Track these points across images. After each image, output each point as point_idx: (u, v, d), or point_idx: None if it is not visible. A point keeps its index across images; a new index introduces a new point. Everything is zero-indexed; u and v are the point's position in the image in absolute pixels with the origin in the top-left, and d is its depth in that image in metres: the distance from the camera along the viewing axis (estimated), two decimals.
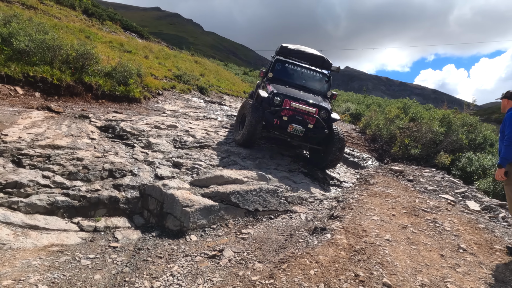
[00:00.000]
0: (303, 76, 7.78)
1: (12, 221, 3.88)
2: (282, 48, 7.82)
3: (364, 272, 2.81)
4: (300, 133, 6.40)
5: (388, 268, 2.92)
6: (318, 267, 2.85)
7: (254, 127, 6.38)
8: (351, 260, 3.01)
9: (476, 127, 9.68)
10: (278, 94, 6.48)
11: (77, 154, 5.30)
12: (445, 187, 6.51)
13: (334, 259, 3.01)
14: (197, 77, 20.06)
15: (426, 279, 2.79)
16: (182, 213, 4.47)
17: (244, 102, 6.90)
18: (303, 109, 6.37)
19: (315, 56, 7.96)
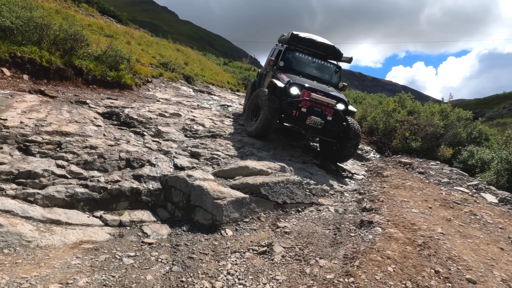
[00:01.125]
0: (314, 65, 7.52)
1: (32, 216, 3.45)
2: (293, 36, 7.47)
3: (441, 268, 2.69)
4: (319, 125, 6.13)
5: (461, 263, 2.82)
6: (393, 263, 2.70)
7: (270, 119, 6.07)
8: (422, 255, 2.88)
9: (472, 121, 9.95)
10: (295, 84, 6.19)
11: (89, 142, 4.86)
12: (456, 180, 6.59)
13: (404, 254, 2.87)
14: (182, 65, 19.44)
15: (503, 274, 2.71)
16: (213, 206, 4.19)
17: (258, 92, 6.52)
18: (323, 100, 6.11)
19: (326, 46, 7.67)
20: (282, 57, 7.31)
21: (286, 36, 7.82)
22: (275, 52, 8.40)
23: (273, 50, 8.72)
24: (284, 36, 8.28)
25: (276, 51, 8.06)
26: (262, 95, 6.24)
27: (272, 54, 8.58)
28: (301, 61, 7.46)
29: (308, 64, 7.49)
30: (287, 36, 7.66)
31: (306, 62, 7.49)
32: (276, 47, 8.54)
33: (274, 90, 6.48)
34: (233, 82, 24.60)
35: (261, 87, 8.45)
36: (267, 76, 7.91)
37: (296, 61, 7.40)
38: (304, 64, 7.46)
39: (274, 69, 7.26)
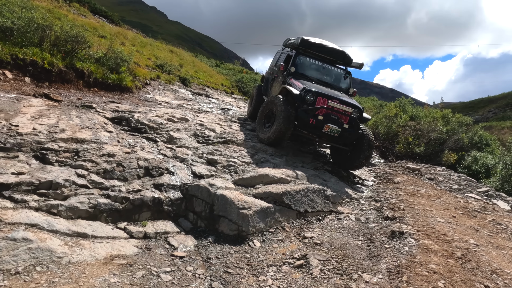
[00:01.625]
0: (325, 71, 7.47)
1: (58, 229, 3.31)
2: (303, 41, 7.39)
3: (489, 282, 2.68)
4: (336, 133, 6.00)
5: (505, 276, 2.82)
6: (441, 278, 2.68)
7: (286, 127, 5.97)
8: (465, 269, 2.87)
9: (472, 126, 10.12)
10: (311, 91, 6.10)
11: (105, 149, 4.71)
12: (465, 186, 6.66)
13: (448, 268, 2.85)
14: (177, 67, 19.25)
15: None
16: (239, 216, 4.11)
17: (273, 98, 6.38)
18: (340, 108, 6.07)
19: (336, 51, 7.62)
20: (293, 62, 7.21)
21: (294, 40, 7.71)
22: (281, 56, 8.33)
23: (279, 54, 8.65)
24: (291, 41, 8.19)
25: (284, 56, 7.98)
26: (277, 102, 6.12)
27: (278, 58, 8.51)
28: (312, 66, 7.39)
29: (319, 70, 7.43)
30: (296, 41, 7.55)
31: (317, 67, 7.43)
32: (283, 51, 8.46)
33: (287, 97, 6.43)
34: (227, 84, 24.49)
35: (268, 92, 8.38)
36: (276, 81, 7.83)
37: (307, 66, 7.33)
38: (315, 70, 7.40)
39: (285, 75, 7.15)
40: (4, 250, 2.76)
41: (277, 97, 6.22)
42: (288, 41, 8.46)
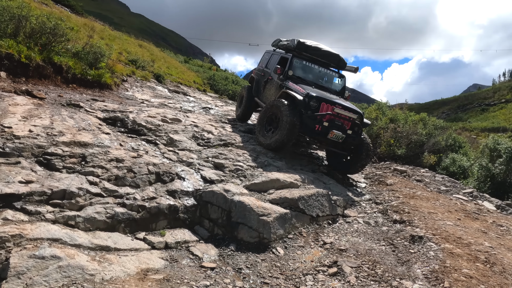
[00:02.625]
0: (321, 75, 7.51)
1: (80, 243, 3.07)
2: (299, 44, 7.34)
3: None
4: (340, 139, 5.99)
5: None
6: (480, 283, 2.82)
7: (291, 133, 5.89)
8: (495, 273, 3.04)
9: (446, 129, 10.75)
10: (315, 97, 6.01)
11: (112, 154, 4.44)
12: (451, 188, 7.07)
13: (481, 272, 3.01)
14: (150, 63, 18.66)
15: None
16: (259, 223, 4.05)
17: (277, 103, 6.22)
18: (346, 114, 6.03)
19: (331, 54, 7.60)
20: (290, 65, 7.12)
21: (289, 42, 7.63)
22: (273, 57, 8.19)
23: (269, 55, 8.51)
24: (283, 42, 8.12)
25: (277, 58, 7.85)
26: (282, 107, 5.99)
27: (269, 60, 8.35)
28: (309, 70, 7.38)
29: (316, 73, 7.44)
30: (291, 43, 7.48)
31: (313, 71, 7.43)
32: (274, 52, 8.33)
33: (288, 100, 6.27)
34: (199, 82, 24.07)
35: (260, 94, 8.21)
36: (270, 84, 7.69)
37: (304, 70, 7.31)
38: (312, 73, 7.39)
39: (281, 78, 7.05)
40: (33, 270, 2.51)
41: (281, 102, 6.10)
42: (279, 42, 8.34)
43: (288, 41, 7.84)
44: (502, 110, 51.98)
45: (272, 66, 7.78)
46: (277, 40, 8.48)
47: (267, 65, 8.22)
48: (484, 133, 42.29)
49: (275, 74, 7.32)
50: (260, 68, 8.65)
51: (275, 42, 8.48)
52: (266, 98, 7.57)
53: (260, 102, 7.98)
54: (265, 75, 8.12)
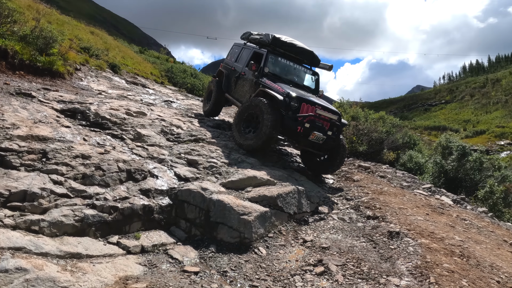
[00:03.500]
0: (296, 72, 7.37)
1: (47, 251, 2.72)
2: (275, 40, 7.08)
3: (497, 277, 3.03)
4: (321, 141, 5.79)
5: (502, 270, 3.22)
6: (461, 277, 2.93)
7: (273, 134, 5.67)
8: (472, 266, 3.19)
9: (402, 127, 11.33)
10: (295, 97, 5.77)
11: (76, 150, 4.02)
12: (412, 183, 7.43)
13: (459, 266, 3.13)
14: (104, 52, 17.55)
15: None
16: (240, 222, 3.91)
17: (257, 102, 5.89)
18: (327, 116, 5.87)
19: (306, 51, 7.35)
20: (266, 62, 6.84)
21: (263, 37, 7.34)
22: (244, 51, 7.86)
23: (239, 48, 8.12)
24: (254, 36, 7.80)
25: (250, 53, 7.55)
26: (263, 107, 5.72)
27: (240, 54, 7.98)
28: (284, 67, 7.18)
29: (291, 71, 7.26)
30: (265, 38, 7.20)
31: (289, 68, 7.24)
32: (246, 46, 7.97)
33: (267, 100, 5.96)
34: (156, 74, 23.17)
35: (230, 90, 7.81)
36: (243, 80, 7.31)
37: (279, 67, 7.09)
38: (287, 70, 7.20)
39: (256, 75, 6.70)
40: None
41: (262, 101, 5.78)
42: (249, 35, 8.03)
43: (261, 36, 7.53)
44: (442, 110, 56.49)
45: (244, 61, 7.50)
46: (248, 33, 8.17)
47: (237, 59, 7.88)
48: (427, 131, 45.69)
49: (250, 71, 6.93)
50: (229, 61, 8.30)
51: (245, 35, 8.18)
52: (239, 95, 7.27)
53: (231, 99, 7.63)
54: (236, 70, 7.73)
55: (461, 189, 8.19)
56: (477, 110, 49.35)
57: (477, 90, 56.60)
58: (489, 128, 40.46)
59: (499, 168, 8.58)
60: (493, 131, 39.27)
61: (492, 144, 36.24)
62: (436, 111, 57.41)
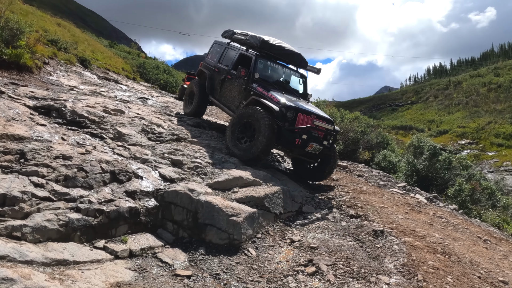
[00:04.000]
0: (285, 76, 7.17)
1: (32, 258, 2.56)
2: (264, 43, 6.67)
3: (477, 272, 3.19)
4: (318, 151, 5.74)
5: (481, 266, 3.40)
6: (446, 274, 3.07)
7: (270, 145, 5.54)
8: (454, 262, 3.35)
9: (376, 128, 11.70)
10: (291, 108, 5.62)
11: (56, 150, 3.82)
12: (388, 182, 7.69)
13: (444, 263, 3.28)
14: (73, 45, 16.82)
15: (508, 271, 3.40)
16: (229, 223, 3.87)
17: (253, 112, 5.64)
18: (324, 127, 5.78)
19: (294, 54, 7.11)
20: (255, 67, 6.50)
21: (250, 39, 6.94)
22: (228, 52, 7.41)
23: (222, 48, 7.67)
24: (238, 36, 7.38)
25: (235, 54, 7.10)
26: (259, 117, 5.50)
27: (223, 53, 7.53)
28: (274, 71, 6.98)
29: (280, 75, 7.07)
30: (254, 41, 6.82)
31: (278, 72, 7.05)
32: (230, 46, 7.48)
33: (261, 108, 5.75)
34: (127, 69, 22.53)
35: (214, 92, 7.38)
36: (231, 83, 6.89)
37: (269, 71, 6.88)
38: (277, 75, 7.00)
39: (246, 80, 6.42)
40: None
41: (259, 112, 5.56)
42: (233, 34, 7.63)
43: (247, 37, 7.10)
44: (409, 110, 58.85)
45: (229, 62, 7.13)
46: (230, 32, 7.78)
47: (220, 59, 7.50)
48: (394, 131, 47.48)
49: (238, 75, 6.49)
50: (210, 61, 7.90)
51: (228, 34, 7.79)
52: (227, 100, 6.96)
53: (217, 103, 7.28)
54: (220, 72, 7.31)
55: (432, 187, 8.59)
56: (441, 111, 51.83)
57: (440, 92, 59.39)
58: (451, 128, 42.63)
59: (466, 167, 9.07)
60: (455, 131, 41.42)
61: (454, 143, 38.24)
62: (403, 111, 59.69)
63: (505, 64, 59.64)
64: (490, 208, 7.58)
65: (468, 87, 55.09)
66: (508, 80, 50.73)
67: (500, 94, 48.15)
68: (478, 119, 42.85)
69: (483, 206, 7.79)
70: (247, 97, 6.27)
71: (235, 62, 6.99)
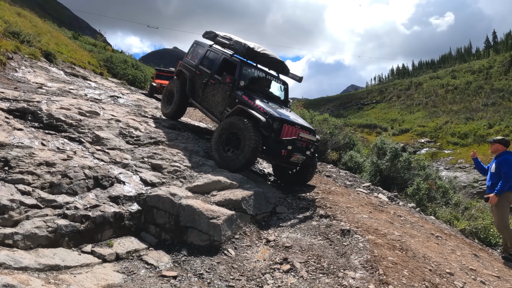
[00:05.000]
0: (268, 83, 7.30)
1: (26, 265, 2.70)
2: (249, 51, 6.75)
3: (429, 266, 3.67)
4: (301, 161, 6.00)
5: (432, 260, 3.89)
6: (403, 268, 3.51)
7: (255, 156, 5.70)
8: (410, 257, 3.81)
9: (343, 129, 12.31)
10: (277, 119, 5.76)
11: (39, 157, 3.88)
12: (354, 182, 8.23)
13: (401, 259, 3.73)
14: (36, 37, 16.19)
15: (455, 264, 3.92)
16: (209, 226, 4.13)
17: (238, 122, 5.75)
18: (307, 138, 5.99)
19: (277, 61, 7.26)
20: (240, 75, 6.58)
21: (234, 45, 6.94)
22: (209, 54, 7.42)
23: (204, 50, 7.63)
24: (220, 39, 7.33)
25: (218, 58, 7.16)
26: (244, 128, 5.62)
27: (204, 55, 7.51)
28: (258, 79, 7.09)
29: (263, 82, 7.19)
30: (238, 47, 6.85)
31: (261, 79, 7.16)
32: (212, 49, 7.47)
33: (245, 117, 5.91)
34: (94, 63, 21.87)
35: (195, 95, 7.38)
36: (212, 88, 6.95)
37: (252, 78, 6.99)
38: (260, 82, 7.11)
39: (231, 87, 6.48)
40: None
41: (244, 123, 5.67)
42: (215, 36, 7.57)
43: (231, 42, 7.09)
44: (374, 109, 61.31)
45: (211, 66, 7.15)
46: (212, 34, 7.73)
47: (201, 61, 7.48)
48: (360, 129, 49.36)
49: (224, 82, 6.57)
50: (190, 62, 7.83)
51: (210, 36, 7.72)
52: (209, 104, 7.01)
53: (199, 107, 7.33)
54: (202, 75, 7.29)
55: (394, 186, 9.26)
56: (403, 110, 54.45)
57: (403, 92, 62.34)
58: (412, 127, 44.98)
59: (424, 168, 9.84)
60: (415, 130, 43.75)
61: (415, 141, 40.47)
62: (368, 110, 62.02)
63: (461, 67, 63.65)
64: (444, 205, 8.32)
65: (428, 88, 58.28)
66: (463, 83, 54.26)
67: (456, 95, 51.41)
68: (436, 119, 45.53)
69: (438, 204, 8.54)
70: (232, 104, 6.35)
71: (218, 66, 7.03)
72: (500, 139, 5.42)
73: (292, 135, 5.89)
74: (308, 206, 5.82)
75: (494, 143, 5.44)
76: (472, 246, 5.31)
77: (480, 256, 4.85)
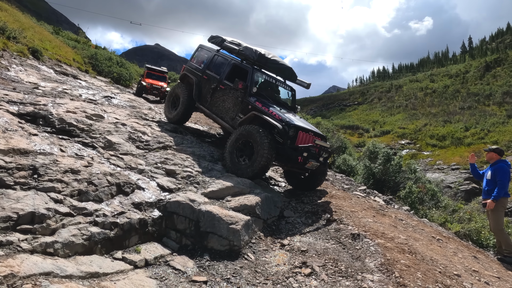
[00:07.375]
0: (277, 89, 7.41)
1: (71, 273, 2.77)
2: (261, 57, 6.78)
3: (438, 268, 3.94)
4: (315, 167, 6.06)
5: (440, 262, 4.18)
6: (416, 270, 3.76)
7: (269, 164, 5.73)
8: (419, 260, 4.08)
9: (335, 133, 12.64)
10: (293, 126, 5.83)
11: (63, 164, 3.91)
12: (350, 186, 8.53)
13: (413, 262, 3.99)
14: (22, 33, 15.82)
15: (460, 266, 4.21)
16: (229, 231, 4.27)
17: (252, 130, 5.76)
18: (322, 144, 6.06)
19: (286, 68, 7.37)
20: (252, 81, 6.61)
21: (244, 51, 6.94)
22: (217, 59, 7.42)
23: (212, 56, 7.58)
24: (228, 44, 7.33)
25: (228, 64, 7.16)
26: (258, 137, 5.64)
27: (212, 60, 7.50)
28: (268, 85, 7.18)
29: (274, 88, 7.27)
30: (248, 53, 6.85)
31: (272, 85, 7.21)
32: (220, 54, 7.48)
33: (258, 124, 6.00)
34: (78, 60, 21.41)
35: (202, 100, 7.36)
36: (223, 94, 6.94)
37: (263, 84, 7.06)
38: (271, 88, 7.20)
39: (243, 93, 6.52)
40: None
41: (259, 132, 5.68)
42: (222, 41, 7.54)
43: (240, 47, 7.09)
44: (355, 111, 62.53)
45: (220, 72, 7.14)
46: (219, 39, 7.65)
47: (209, 66, 7.45)
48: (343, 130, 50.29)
49: (236, 88, 6.57)
50: (196, 66, 7.79)
51: (217, 41, 7.65)
52: (220, 111, 6.97)
53: (209, 113, 7.27)
54: (210, 80, 7.26)
55: (387, 190, 9.62)
56: (384, 112, 55.81)
57: (383, 94, 63.86)
58: (393, 128, 46.22)
59: (414, 171, 10.27)
60: (396, 131, 44.98)
61: (395, 143, 41.62)
62: (350, 111, 63.15)
63: (439, 71, 65.82)
64: (434, 208, 8.74)
65: (407, 91, 59.97)
66: (441, 86, 56.17)
67: (435, 98, 53.17)
68: (416, 121, 46.94)
69: (427, 206, 8.96)
70: (244, 110, 6.39)
71: (228, 72, 7.05)
72: (495, 148, 5.84)
73: (306, 142, 6.01)
74: (313, 210, 6.03)
75: (489, 152, 5.84)
76: (470, 248, 5.68)
77: (479, 258, 5.21)
